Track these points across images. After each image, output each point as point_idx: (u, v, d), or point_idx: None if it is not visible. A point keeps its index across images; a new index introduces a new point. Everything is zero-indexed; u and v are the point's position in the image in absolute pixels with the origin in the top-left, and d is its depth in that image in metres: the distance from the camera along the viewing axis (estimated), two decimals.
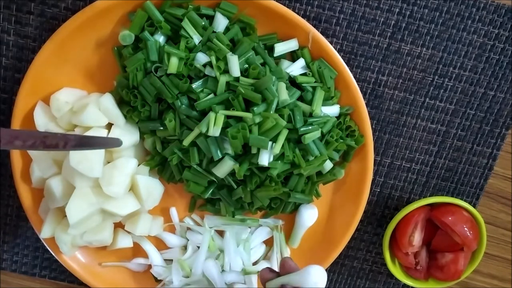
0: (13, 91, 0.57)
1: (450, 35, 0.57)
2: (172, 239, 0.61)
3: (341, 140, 0.56)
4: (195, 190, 0.55)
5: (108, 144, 0.48)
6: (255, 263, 0.61)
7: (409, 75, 0.58)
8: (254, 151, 0.51)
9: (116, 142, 0.48)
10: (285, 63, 0.54)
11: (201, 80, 0.52)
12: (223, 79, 0.51)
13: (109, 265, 0.61)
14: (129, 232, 0.59)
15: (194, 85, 0.51)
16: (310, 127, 0.53)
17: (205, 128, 0.50)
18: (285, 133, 0.52)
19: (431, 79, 0.58)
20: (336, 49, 0.55)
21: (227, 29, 0.53)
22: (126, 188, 0.54)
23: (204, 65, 0.52)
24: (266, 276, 0.50)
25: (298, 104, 0.53)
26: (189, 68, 0.52)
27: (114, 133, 0.53)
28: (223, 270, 0.59)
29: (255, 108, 0.50)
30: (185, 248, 0.61)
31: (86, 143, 0.45)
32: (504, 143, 0.61)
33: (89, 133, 0.52)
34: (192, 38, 0.52)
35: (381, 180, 0.63)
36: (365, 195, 0.58)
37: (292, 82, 0.54)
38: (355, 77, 0.56)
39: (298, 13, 0.55)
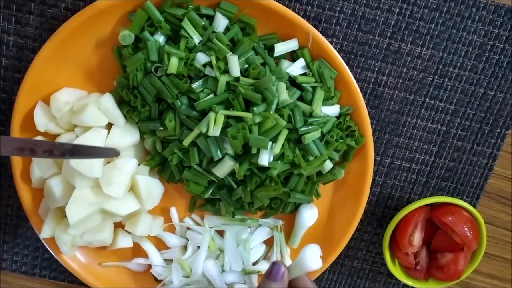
0: (13, 91, 0.57)
1: (450, 35, 0.57)
2: (172, 239, 0.61)
3: (341, 140, 0.56)
4: (195, 190, 0.55)
5: (105, 153, 0.49)
6: (255, 263, 0.61)
7: (409, 75, 0.58)
8: (254, 151, 0.51)
9: (113, 152, 0.49)
10: (285, 63, 0.54)
11: (201, 80, 0.52)
12: (223, 79, 0.51)
13: (109, 265, 0.61)
14: (129, 232, 0.59)
15: (194, 85, 0.51)
16: (310, 127, 0.53)
17: (205, 128, 0.50)
18: (285, 133, 0.52)
19: (431, 79, 0.58)
20: (336, 49, 0.55)
21: (227, 29, 0.53)
22: (126, 188, 0.54)
23: (204, 65, 0.52)
24: None
25: (298, 104, 0.53)
26: (189, 68, 0.52)
27: (114, 133, 0.53)
28: (223, 270, 0.59)
29: (255, 108, 0.50)
30: (185, 248, 0.61)
31: (83, 152, 0.47)
32: (504, 143, 0.61)
33: (89, 133, 0.52)
34: (192, 38, 0.52)
35: (381, 180, 0.63)
36: (365, 195, 0.58)
37: (292, 82, 0.54)
38: (355, 77, 0.56)
39: (298, 13, 0.55)
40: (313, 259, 0.49)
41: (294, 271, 0.49)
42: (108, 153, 0.49)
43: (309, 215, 0.59)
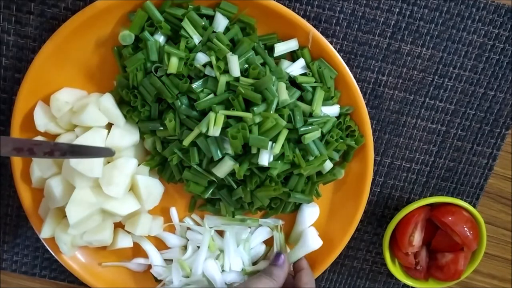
0: (13, 91, 0.57)
1: (450, 35, 0.57)
2: (172, 239, 0.61)
3: (341, 140, 0.56)
4: (195, 190, 0.55)
5: (100, 153, 0.49)
6: (255, 263, 0.61)
7: (409, 75, 0.58)
8: (254, 151, 0.51)
9: (108, 152, 0.49)
10: (285, 63, 0.54)
11: (201, 80, 0.52)
12: (223, 79, 0.51)
13: (109, 265, 0.61)
14: (129, 232, 0.59)
15: (194, 85, 0.51)
16: (310, 127, 0.53)
17: (205, 128, 0.50)
18: (285, 133, 0.52)
19: (431, 79, 0.58)
20: (336, 49, 0.55)
21: (227, 29, 0.53)
22: (126, 188, 0.54)
23: (204, 65, 0.52)
24: None
25: (298, 104, 0.53)
26: (189, 68, 0.52)
27: (114, 133, 0.53)
28: (223, 270, 0.59)
29: (255, 108, 0.50)
30: (185, 248, 0.61)
31: (78, 152, 0.48)
32: (504, 143, 0.61)
33: (89, 133, 0.52)
34: (192, 38, 0.52)
35: (381, 180, 0.63)
36: (365, 195, 0.58)
37: (292, 82, 0.54)
38: (355, 77, 0.56)
39: (298, 13, 0.55)
40: (314, 240, 0.58)
41: (296, 254, 0.58)
42: (103, 153, 0.49)
43: (310, 213, 0.59)
